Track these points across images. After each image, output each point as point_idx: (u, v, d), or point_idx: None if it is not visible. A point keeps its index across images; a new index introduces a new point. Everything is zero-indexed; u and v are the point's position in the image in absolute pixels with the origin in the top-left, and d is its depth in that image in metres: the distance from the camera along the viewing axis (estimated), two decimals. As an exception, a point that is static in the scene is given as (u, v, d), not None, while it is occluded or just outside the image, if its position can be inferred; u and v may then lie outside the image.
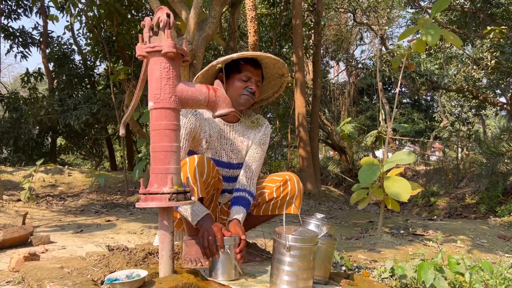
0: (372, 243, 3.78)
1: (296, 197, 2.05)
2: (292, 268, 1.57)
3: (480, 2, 12.04)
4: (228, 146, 2.05)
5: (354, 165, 12.78)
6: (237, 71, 1.95)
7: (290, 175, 2.07)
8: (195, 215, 1.79)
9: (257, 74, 1.99)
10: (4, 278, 2.08)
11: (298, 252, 1.57)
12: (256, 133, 2.12)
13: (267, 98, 2.25)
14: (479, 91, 13.01)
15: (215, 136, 2.02)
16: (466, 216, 7.04)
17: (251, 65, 1.96)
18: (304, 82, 9.10)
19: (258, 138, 2.11)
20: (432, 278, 1.85)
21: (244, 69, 1.95)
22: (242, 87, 1.94)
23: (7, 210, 4.81)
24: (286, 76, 2.09)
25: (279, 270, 1.59)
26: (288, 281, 1.57)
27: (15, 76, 27.88)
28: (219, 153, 2.05)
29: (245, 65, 1.95)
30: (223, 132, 2.04)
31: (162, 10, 1.61)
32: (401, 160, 3.73)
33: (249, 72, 1.95)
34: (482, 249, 3.74)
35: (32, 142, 11.52)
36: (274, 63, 2.01)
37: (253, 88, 1.95)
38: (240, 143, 2.08)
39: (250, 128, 2.11)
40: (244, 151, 2.10)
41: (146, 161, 5.56)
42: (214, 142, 2.02)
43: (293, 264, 1.57)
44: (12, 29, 12.19)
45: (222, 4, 3.74)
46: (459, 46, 3.47)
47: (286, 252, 1.57)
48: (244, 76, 1.94)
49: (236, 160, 2.09)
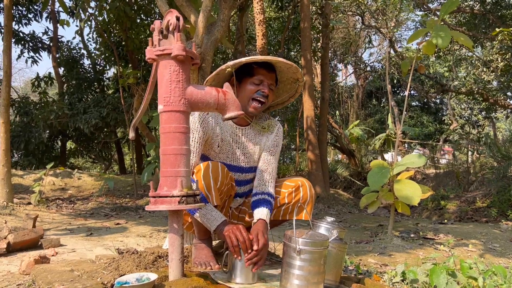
0: (382, 247, 3.75)
1: (308, 203, 2.01)
2: (302, 272, 1.55)
3: (489, 4, 11.94)
4: (240, 150, 2.03)
5: (363, 169, 12.71)
6: (250, 75, 1.92)
7: (302, 181, 2.04)
8: (213, 220, 1.79)
9: (271, 77, 1.94)
10: (15, 281, 2.09)
11: (308, 256, 1.55)
12: (268, 136, 2.09)
13: (283, 102, 2.21)
14: (489, 94, 12.88)
15: (227, 140, 1.99)
16: (477, 220, 6.94)
17: (265, 69, 1.92)
18: (312, 85, 9.08)
19: (271, 140, 2.08)
20: (445, 282, 1.82)
21: (256, 73, 1.90)
22: (255, 90, 1.90)
23: (18, 213, 4.85)
24: (300, 81, 2.04)
25: (289, 274, 1.57)
26: (299, 285, 1.55)
27: (26, 81, 28.18)
28: (230, 157, 2.03)
29: (258, 69, 1.91)
30: (235, 136, 2.01)
31: (171, 14, 1.61)
32: (412, 163, 3.69)
33: (262, 76, 1.90)
34: (495, 253, 3.69)
35: (42, 146, 11.63)
36: (288, 67, 1.96)
37: (265, 92, 1.90)
38: (252, 146, 2.05)
39: (261, 132, 2.08)
40: (256, 155, 2.07)
41: (155, 164, 5.58)
42: (226, 146, 2.00)
43: (304, 268, 1.55)
44: (23, 34, 12.36)
45: (230, 8, 3.74)
46: (470, 46, 3.43)
47: (296, 256, 1.55)
48: (257, 79, 1.90)
49: (248, 164, 2.07)
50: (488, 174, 8.94)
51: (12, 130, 11.11)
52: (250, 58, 1.85)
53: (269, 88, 1.92)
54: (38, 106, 11.26)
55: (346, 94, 20.20)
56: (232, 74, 1.93)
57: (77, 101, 11.19)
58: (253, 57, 1.86)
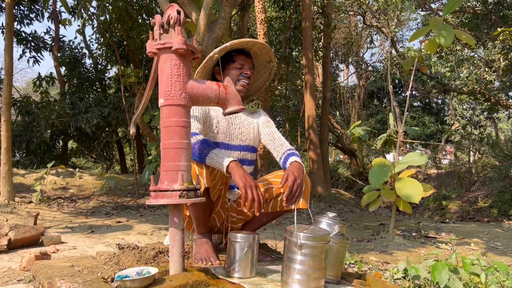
0: (383, 245, 3.74)
1: (304, 191, 1.98)
2: (303, 267, 1.54)
3: (492, 4, 11.91)
4: (237, 129, 2.15)
5: (365, 168, 12.70)
6: (231, 61, 2.12)
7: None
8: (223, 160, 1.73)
9: (249, 62, 2.15)
10: (15, 276, 2.09)
11: (309, 251, 1.54)
12: (258, 115, 2.26)
13: (259, 88, 2.38)
14: (491, 94, 12.86)
15: (222, 121, 2.11)
16: (479, 220, 6.92)
17: (243, 55, 2.13)
18: (313, 84, 9.07)
19: (262, 118, 2.25)
20: (447, 278, 1.81)
21: (237, 59, 2.11)
22: (238, 73, 2.10)
23: (19, 212, 4.85)
24: (273, 61, 2.26)
25: (290, 269, 1.56)
26: (300, 280, 1.54)
27: (28, 81, 28.21)
28: (229, 137, 2.13)
29: (237, 55, 2.12)
30: (229, 118, 2.14)
31: (172, 8, 1.61)
32: (413, 162, 3.68)
33: (242, 60, 2.12)
34: (496, 252, 3.68)
35: (44, 145, 11.64)
36: (261, 49, 2.18)
37: (248, 73, 2.11)
38: (247, 125, 2.19)
39: (251, 113, 2.25)
40: (251, 134, 2.19)
41: (156, 163, 5.57)
42: (222, 126, 2.10)
43: (305, 263, 1.54)
44: (25, 34, 12.37)
45: (232, 5, 3.74)
46: (472, 45, 3.42)
47: (297, 251, 1.54)
48: (238, 64, 2.10)
49: (246, 142, 2.18)
50: (490, 174, 8.91)
51: (14, 129, 11.13)
52: (231, 43, 2.05)
53: (250, 70, 2.14)
54: (40, 106, 11.27)
55: (348, 95, 20.16)
56: (215, 64, 2.13)
57: (78, 101, 11.21)
58: (232, 42, 2.06)
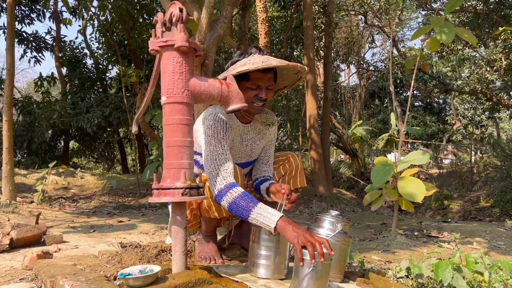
0: (386, 245, 3.73)
1: (300, 170, 2.16)
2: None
3: (493, 3, 11.90)
4: (249, 147, 2.05)
5: (366, 168, 12.67)
6: (246, 79, 1.85)
7: (291, 153, 2.20)
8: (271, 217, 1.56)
9: (268, 78, 1.86)
10: (17, 275, 2.08)
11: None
12: (270, 129, 2.15)
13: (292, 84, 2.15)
14: (493, 93, 12.83)
15: (237, 140, 1.99)
16: (481, 219, 6.90)
17: (260, 71, 1.84)
18: (315, 84, 9.06)
19: (273, 134, 2.18)
20: (450, 277, 1.80)
21: (252, 77, 1.84)
22: (252, 95, 1.86)
23: (21, 211, 4.84)
24: (302, 71, 1.97)
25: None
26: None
27: (29, 82, 28.26)
28: (240, 156, 2.05)
29: (253, 73, 1.83)
30: (243, 134, 2.01)
31: (174, 5, 1.61)
32: (415, 160, 3.67)
33: (258, 80, 1.84)
34: (499, 251, 3.67)
35: (45, 145, 11.64)
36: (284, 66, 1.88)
37: (262, 96, 1.86)
38: (258, 141, 2.09)
39: (263, 127, 2.10)
40: (261, 148, 2.15)
41: (158, 163, 5.57)
42: (237, 146, 2.01)
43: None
44: (26, 34, 12.38)
45: (233, 4, 3.74)
46: (474, 43, 3.41)
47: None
48: (253, 84, 1.84)
49: (253, 157, 2.14)
50: (492, 173, 8.89)
51: (15, 129, 11.14)
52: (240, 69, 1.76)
53: (266, 90, 1.88)
54: (41, 106, 11.27)
55: (349, 94, 20.14)
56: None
57: (79, 101, 11.21)
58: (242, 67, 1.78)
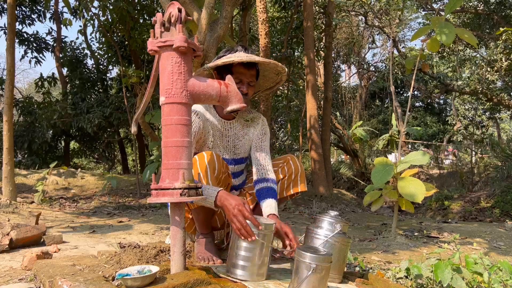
0: (386, 245, 3.72)
1: (301, 174, 2.11)
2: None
3: (493, 4, 11.89)
4: (231, 142, 2.10)
5: (367, 169, 12.66)
6: (230, 72, 1.93)
7: (290, 156, 2.16)
8: (210, 197, 1.68)
9: (250, 74, 1.97)
10: (16, 275, 2.08)
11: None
12: (255, 127, 2.16)
13: (270, 87, 2.26)
14: (493, 94, 12.83)
15: (217, 135, 2.05)
16: (482, 220, 6.90)
17: (244, 66, 1.94)
18: (315, 84, 9.06)
19: (258, 130, 2.16)
20: (449, 277, 1.80)
21: (235, 71, 1.93)
22: None
23: (21, 212, 4.84)
24: (283, 72, 2.08)
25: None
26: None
27: (30, 82, 28.31)
28: (222, 151, 2.08)
29: (236, 67, 1.93)
30: (224, 130, 2.07)
31: (173, 6, 1.61)
32: (416, 161, 3.67)
33: (240, 74, 1.94)
34: (499, 251, 3.66)
35: (46, 146, 11.65)
36: (267, 63, 1.97)
37: (244, 91, 1.94)
38: (241, 137, 2.12)
39: (247, 125, 2.15)
40: (246, 146, 2.14)
41: (158, 163, 5.57)
42: (217, 141, 2.05)
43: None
44: (27, 35, 12.39)
45: (233, 4, 3.74)
46: (474, 44, 3.41)
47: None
48: (236, 78, 1.92)
49: (240, 155, 2.14)
50: (492, 174, 8.88)
51: (16, 129, 11.15)
52: (226, 60, 1.86)
53: (248, 85, 1.97)
54: (42, 106, 11.29)
55: (349, 95, 20.13)
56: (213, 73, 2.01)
57: (80, 101, 11.21)
58: (228, 59, 1.87)
